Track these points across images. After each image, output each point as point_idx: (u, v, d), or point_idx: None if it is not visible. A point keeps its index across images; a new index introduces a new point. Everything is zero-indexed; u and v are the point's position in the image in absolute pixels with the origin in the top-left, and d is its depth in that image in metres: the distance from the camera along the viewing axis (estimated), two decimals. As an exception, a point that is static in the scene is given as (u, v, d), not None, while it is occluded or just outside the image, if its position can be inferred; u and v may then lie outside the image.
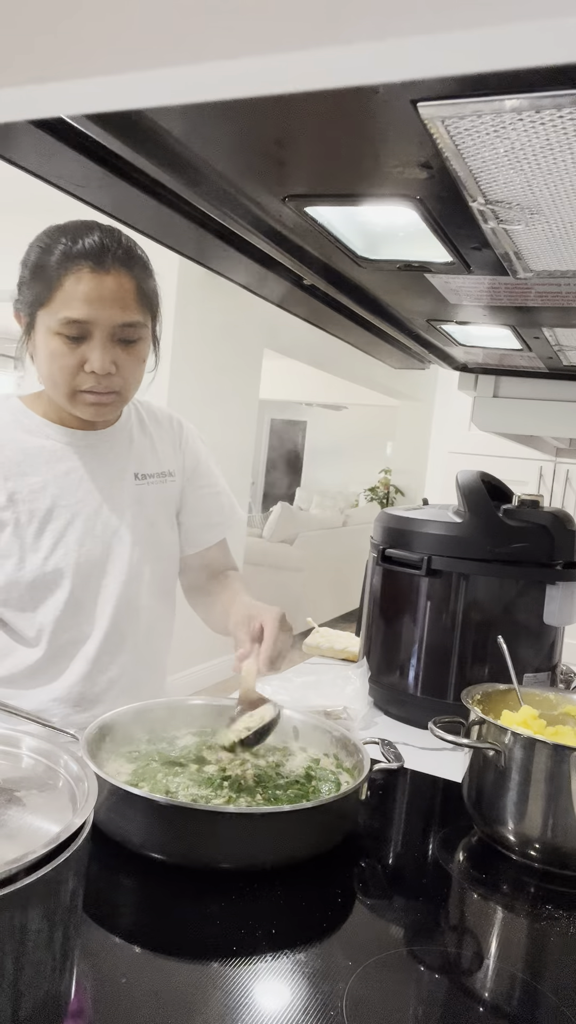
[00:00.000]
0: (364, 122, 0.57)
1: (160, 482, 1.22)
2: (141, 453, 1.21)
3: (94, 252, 1.01)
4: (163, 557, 1.23)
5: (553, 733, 0.99)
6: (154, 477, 1.22)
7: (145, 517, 1.19)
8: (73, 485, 1.13)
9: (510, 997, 0.71)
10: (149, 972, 0.67)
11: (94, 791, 0.57)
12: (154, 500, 1.21)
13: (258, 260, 0.90)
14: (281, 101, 0.53)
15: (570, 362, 1.52)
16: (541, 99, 0.50)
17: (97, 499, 1.14)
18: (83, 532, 1.12)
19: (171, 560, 1.26)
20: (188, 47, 0.27)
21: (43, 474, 1.11)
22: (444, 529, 1.36)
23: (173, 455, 1.27)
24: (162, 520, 1.23)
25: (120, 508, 1.16)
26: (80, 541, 1.12)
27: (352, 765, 1.00)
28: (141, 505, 1.19)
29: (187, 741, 1.02)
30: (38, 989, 0.52)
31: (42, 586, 1.11)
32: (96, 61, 0.29)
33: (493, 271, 0.90)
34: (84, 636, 1.15)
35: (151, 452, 1.23)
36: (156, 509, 1.21)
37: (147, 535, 1.19)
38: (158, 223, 0.78)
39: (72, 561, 1.11)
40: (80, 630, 1.14)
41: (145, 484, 1.20)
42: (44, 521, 1.11)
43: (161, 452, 1.25)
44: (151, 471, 1.22)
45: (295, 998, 0.64)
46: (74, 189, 0.69)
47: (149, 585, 1.20)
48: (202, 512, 1.30)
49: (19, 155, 0.62)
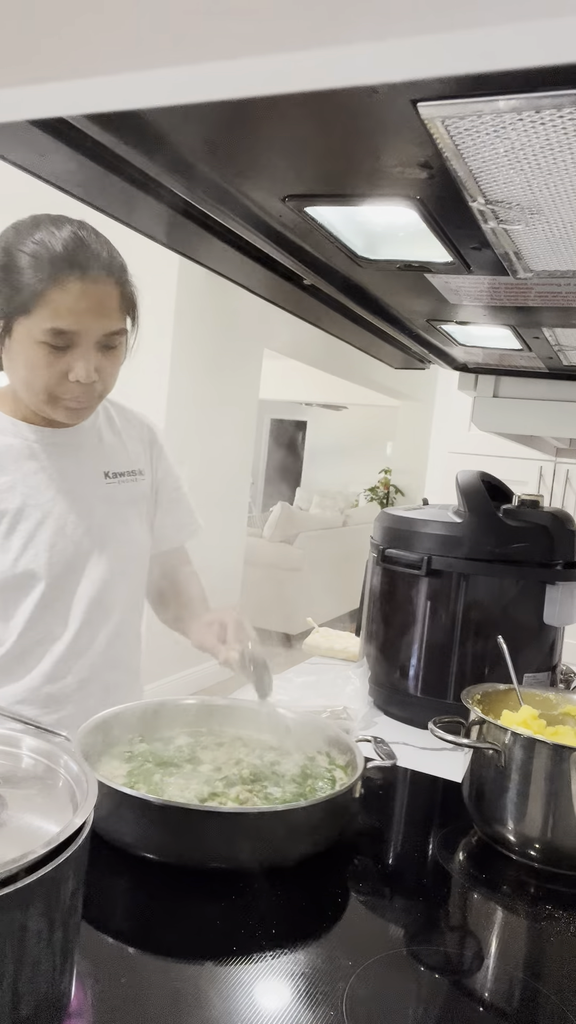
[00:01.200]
0: (364, 122, 0.57)
1: (131, 480, 1.21)
2: (111, 451, 1.20)
3: (79, 259, 0.98)
4: (135, 556, 1.22)
5: (553, 733, 0.99)
6: (124, 476, 1.20)
7: (117, 516, 1.18)
8: (43, 484, 1.11)
9: (510, 997, 0.71)
10: (149, 973, 0.67)
11: (94, 791, 0.57)
12: (125, 498, 1.20)
13: (258, 260, 0.90)
14: (281, 101, 0.53)
15: (570, 362, 1.52)
16: (541, 99, 0.50)
17: (68, 498, 1.12)
18: (54, 532, 1.10)
19: (143, 559, 1.25)
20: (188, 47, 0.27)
21: (11, 473, 1.09)
22: (444, 529, 1.36)
23: (143, 453, 1.25)
24: (134, 519, 1.21)
25: (91, 507, 1.14)
26: (51, 542, 1.10)
27: (346, 763, 1.00)
28: (112, 504, 1.17)
29: (181, 741, 1.02)
30: (38, 989, 0.52)
31: (14, 587, 1.10)
32: (96, 61, 0.29)
33: (493, 271, 0.90)
34: (54, 636, 1.13)
35: (121, 450, 1.21)
36: (127, 507, 1.20)
37: (119, 534, 1.18)
38: (158, 223, 0.78)
39: (44, 562, 1.10)
40: (50, 631, 1.12)
41: (116, 483, 1.18)
42: (14, 521, 1.08)
43: (131, 450, 1.23)
44: (121, 469, 1.20)
45: (295, 998, 0.64)
46: (73, 189, 0.69)
47: (121, 585, 1.19)
48: (171, 513, 1.30)
49: (19, 155, 0.62)
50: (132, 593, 1.23)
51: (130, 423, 1.26)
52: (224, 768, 0.95)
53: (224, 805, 0.87)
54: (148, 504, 1.25)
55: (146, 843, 0.82)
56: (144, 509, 1.24)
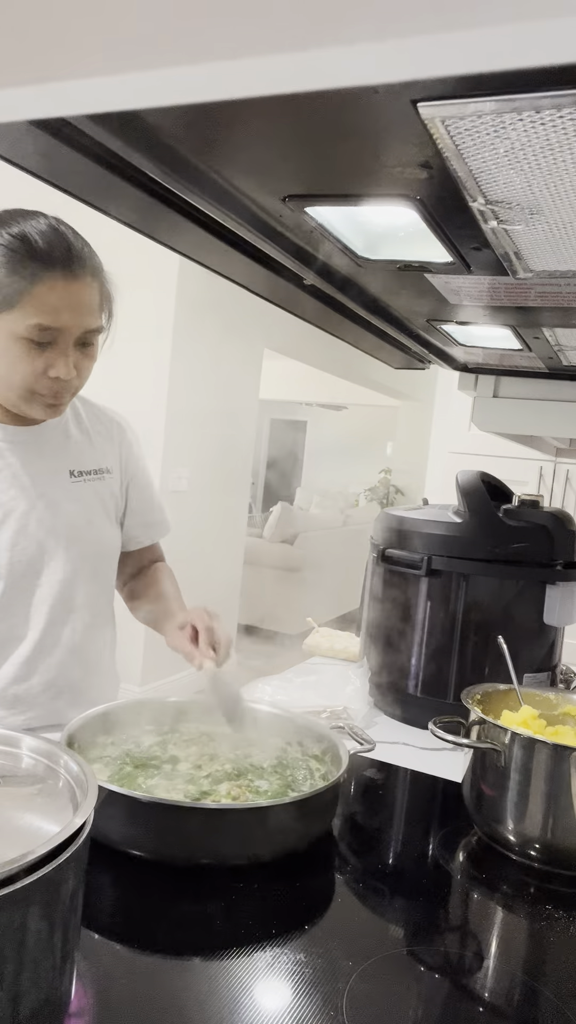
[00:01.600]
0: (364, 122, 0.57)
1: (97, 479, 1.20)
2: (77, 449, 1.19)
3: (63, 257, 0.98)
4: (102, 555, 1.21)
5: (553, 733, 0.99)
6: (91, 474, 1.19)
7: (82, 515, 1.17)
8: (5, 483, 1.10)
9: (510, 997, 0.71)
10: (149, 973, 0.67)
11: (94, 791, 0.57)
12: (92, 497, 1.19)
13: (258, 260, 0.90)
14: (281, 101, 0.53)
15: (570, 362, 1.52)
16: (541, 99, 0.50)
17: (31, 497, 1.11)
18: (16, 531, 1.09)
19: (110, 558, 1.24)
20: (188, 47, 0.27)
21: None
22: (444, 529, 1.36)
23: (112, 451, 1.24)
24: (100, 517, 1.20)
25: (55, 506, 1.13)
26: (13, 541, 1.09)
27: (322, 751, 1.01)
28: (77, 503, 1.16)
29: (150, 740, 1.03)
30: (38, 989, 0.52)
31: None
32: (96, 61, 0.29)
33: (493, 271, 0.90)
34: (18, 638, 1.12)
35: (88, 448, 1.20)
36: (93, 506, 1.19)
37: (84, 533, 1.16)
38: (158, 223, 0.78)
39: (4, 562, 1.08)
40: (13, 632, 1.11)
41: (81, 481, 1.17)
42: None
43: (99, 448, 1.22)
44: (88, 468, 1.19)
45: (295, 998, 0.64)
46: (74, 189, 0.69)
47: (87, 584, 1.17)
48: (141, 512, 1.30)
49: (19, 155, 0.62)
50: (100, 593, 1.22)
51: (99, 420, 1.24)
52: (205, 766, 0.96)
53: (226, 802, 0.87)
54: (116, 502, 1.24)
55: (147, 844, 0.82)
56: (111, 508, 1.23)
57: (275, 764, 0.98)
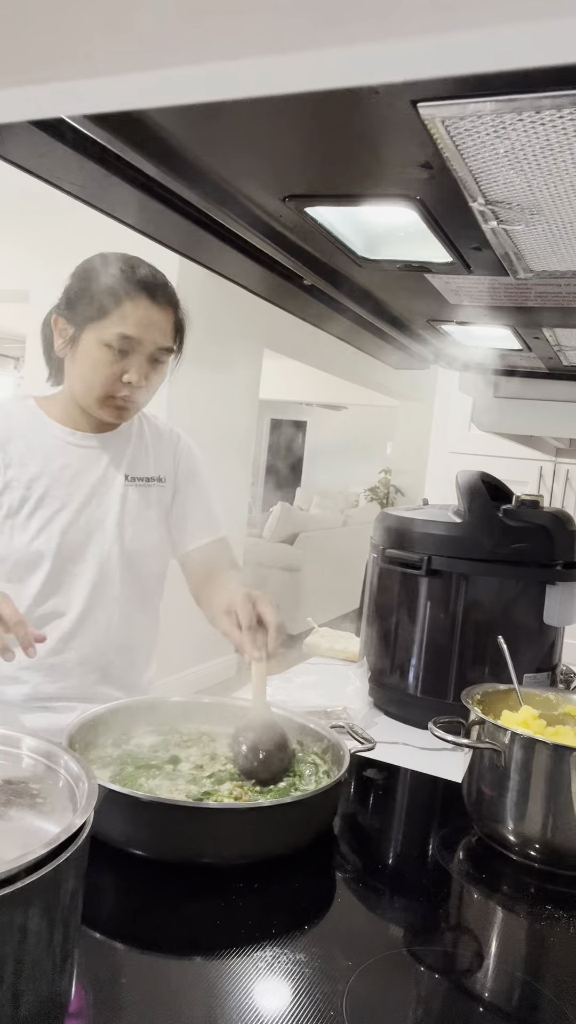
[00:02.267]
0: (364, 122, 0.57)
1: (147, 486, 1.33)
2: (135, 458, 1.32)
3: (151, 285, 1.19)
4: (142, 553, 1.31)
5: (553, 733, 0.99)
6: (143, 480, 1.33)
7: (129, 515, 1.29)
8: (66, 479, 1.25)
9: (510, 997, 0.71)
10: (149, 973, 0.67)
11: (94, 791, 0.57)
12: (140, 501, 1.31)
13: (258, 260, 0.90)
14: (281, 101, 0.53)
15: (570, 362, 1.52)
16: (541, 99, 0.50)
17: (86, 494, 1.26)
18: (68, 522, 1.24)
19: (153, 559, 1.34)
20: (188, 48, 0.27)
21: (40, 466, 1.24)
22: (444, 529, 1.36)
23: (167, 463, 1.37)
24: (146, 521, 1.31)
25: (106, 505, 1.27)
26: (64, 529, 1.23)
27: (322, 750, 1.02)
28: (127, 504, 1.29)
29: (151, 741, 1.03)
30: (38, 989, 0.52)
31: (25, 563, 1.23)
32: (96, 61, 0.29)
33: (493, 271, 0.90)
34: (59, 612, 1.25)
35: (145, 458, 1.34)
36: (141, 510, 1.31)
37: (128, 531, 1.29)
38: (158, 223, 0.78)
39: (54, 545, 1.23)
40: (56, 608, 1.25)
41: (134, 486, 1.31)
42: (35, 507, 1.23)
43: (156, 459, 1.35)
44: (142, 475, 1.33)
45: (295, 998, 0.64)
46: (74, 189, 0.69)
47: (126, 577, 1.29)
48: (188, 514, 1.39)
49: (19, 155, 0.62)
50: (139, 587, 1.32)
51: (160, 435, 1.39)
52: (207, 766, 0.96)
53: (231, 801, 0.88)
54: (166, 508, 1.36)
55: (147, 844, 0.82)
56: (159, 512, 1.35)
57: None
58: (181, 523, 1.38)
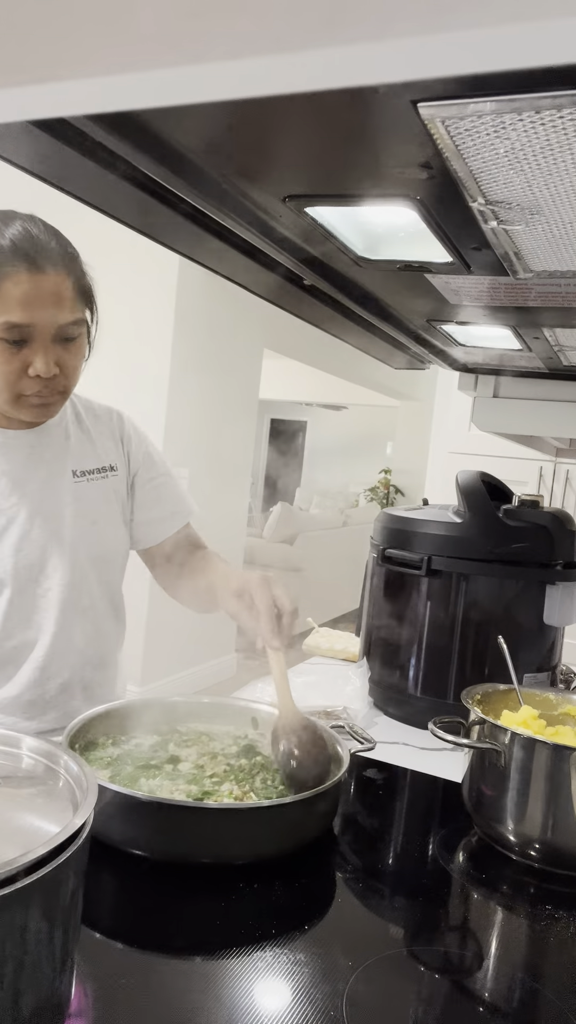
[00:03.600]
0: (364, 122, 0.57)
1: (101, 478, 1.18)
2: (79, 449, 1.17)
3: (27, 251, 0.95)
4: (108, 556, 1.19)
5: (553, 733, 0.99)
6: (94, 473, 1.17)
7: (86, 516, 1.15)
8: (6, 489, 1.09)
9: (510, 997, 0.71)
10: (149, 973, 0.67)
11: (94, 791, 0.57)
12: (96, 497, 1.17)
13: (258, 260, 0.90)
14: (281, 101, 0.53)
15: (570, 362, 1.52)
16: (541, 99, 0.50)
17: (33, 501, 1.10)
18: (19, 537, 1.08)
19: (117, 558, 1.22)
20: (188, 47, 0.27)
21: None
22: (444, 529, 1.36)
23: (114, 448, 1.22)
24: (105, 518, 1.18)
25: (58, 509, 1.12)
26: (16, 547, 1.08)
27: None
28: (81, 503, 1.14)
29: (151, 741, 1.03)
30: (38, 989, 0.52)
31: None
32: (96, 61, 0.29)
33: (493, 271, 0.90)
34: (31, 642, 1.11)
35: (90, 447, 1.18)
36: (98, 507, 1.17)
37: (89, 534, 1.15)
38: (158, 223, 0.78)
39: (9, 567, 1.08)
40: (25, 636, 1.11)
41: (84, 481, 1.15)
42: None
43: (100, 446, 1.19)
44: (90, 467, 1.17)
45: (295, 998, 0.64)
46: (74, 189, 0.69)
47: (94, 586, 1.16)
48: (159, 502, 1.25)
49: (19, 155, 0.62)
50: (107, 593, 1.20)
51: (99, 418, 1.22)
52: (207, 766, 0.96)
53: (228, 801, 0.88)
54: (122, 501, 1.22)
55: (146, 843, 0.82)
56: (117, 507, 1.20)
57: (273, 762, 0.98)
58: (147, 515, 1.24)
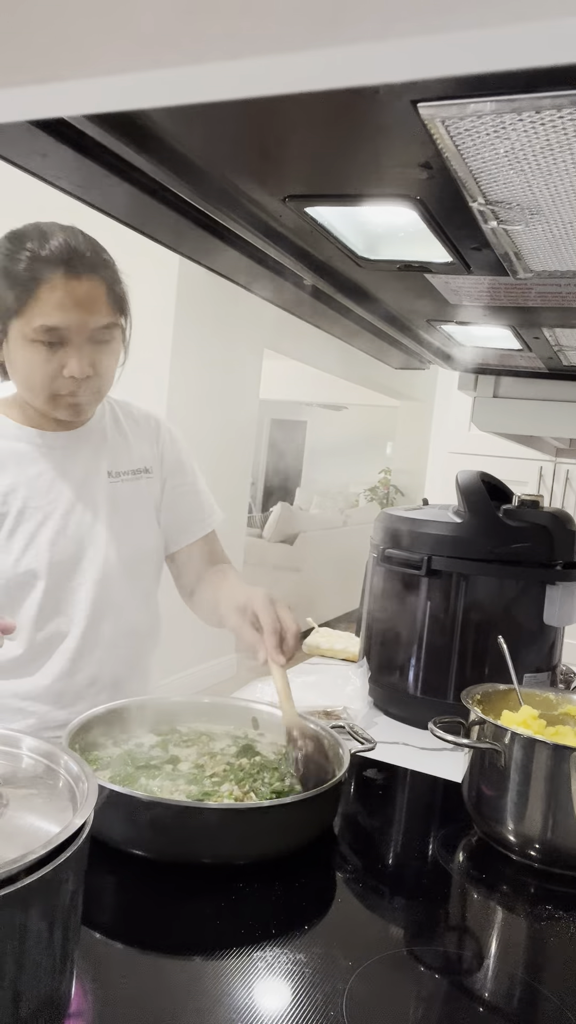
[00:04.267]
0: (364, 122, 0.57)
1: (134, 479, 1.22)
2: (115, 451, 1.22)
3: (64, 258, 1.02)
4: (141, 555, 1.23)
5: (553, 733, 0.99)
6: (128, 475, 1.21)
7: (120, 515, 1.19)
8: (44, 486, 1.14)
9: (510, 997, 0.71)
10: (149, 973, 0.67)
11: (94, 791, 0.57)
12: (129, 498, 1.21)
13: (258, 260, 0.90)
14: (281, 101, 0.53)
15: (570, 362, 1.52)
16: (541, 99, 0.50)
17: (69, 499, 1.15)
18: (55, 532, 1.13)
19: (151, 558, 1.26)
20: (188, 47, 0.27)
21: (13, 477, 1.12)
22: (444, 529, 1.36)
23: (150, 452, 1.26)
24: (139, 518, 1.22)
25: (93, 507, 1.16)
26: (52, 541, 1.12)
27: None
28: (115, 503, 1.19)
29: (151, 741, 1.03)
30: (38, 989, 0.52)
31: (16, 587, 1.12)
32: (96, 61, 0.29)
33: (493, 271, 0.90)
34: (62, 634, 1.15)
35: (125, 450, 1.23)
36: (131, 507, 1.21)
37: (122, 533, 1.19)
38: (158, 223, 0.78)
39: (45, 561, 1.12)
40: (58, 628, 1.15)
41: (119, 482, 1.20)
42: (15, 523, 1.11)
43: (136, 449, 1.24)
44: (125, 469, 1.22)
45: (295, 998, 0.64)
46: (74, 190, 0.69)
47: (126, 583, 1.20)
48: (181, 509, 1.29)
49: (19, 155, 0.62)
50: (139, 591, 1.23)
51: (137, 422, 1.27)
52: (207, 766, 0.96)
53: (228, 802, 0.87)
54: (155, 503, 1.26)
55: (147, 843, 0.82)
56: (151, 508, 1.25)
57: (274, 763, 0.98)
58: (172, 519, 1.28)
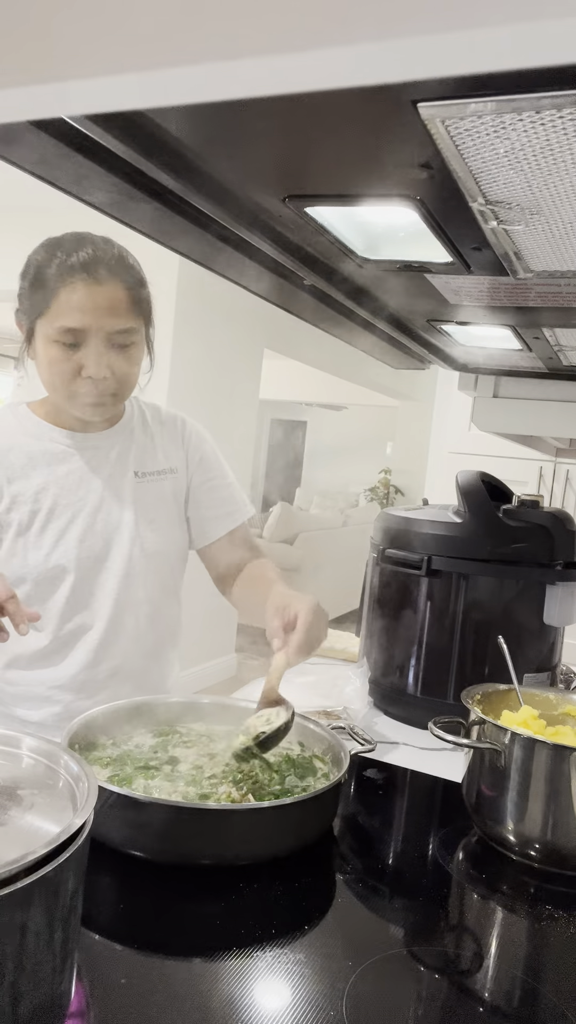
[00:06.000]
0: (364, 122, 0.57)
1: (159, 479, 1.27)
2: (142, 451, 1.26)
3: (88, 264, 1.07)
4: (164, 551, 1.27)
5: (553, 733, 0.99)
6: (154, 475, 1.26)
7: (145, 514, 1.24)
8: (74, 485, 1.19)
9: (510, 997, 0.71)
10: (149, 973, 0.67)
11: (94, 791, 0.57)
12: (155, 497, 1.25)
13: (258, 260, 0.90)
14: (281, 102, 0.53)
15: (570, 362, 1.52)
16: (541, 99, 0.50)
17: (97, 497, 1.20)
18: (84, 529, 1.18)
19: (174, 556, 1.30)
20: (188, 47, 0.27)
21: (45, 476, 1.18)
22: (444, 529, 1.36)
23: (175, 452, 1.31)
24: (163, 517, 1.26)
25: (120, 505, 1.21)
26: (81, 537, 1.18)
27: (322, 751, 1.02)
28: (141, 502, 1.23)
29: (151, 742, 1.03)
30: (38, 989, 0.52)
31: (46, 581, 1.17)
32: (96, 61, 0.29)
33: (493, 271, 0.90)
34: (86, 627, 1.20)
35: (152, 450, 1.27)
36: (156, 506, 1.25)
37: (147, 531, 1.23)
38: (158, 223, 0.78)
39: (73, 557, 1.17)
40: (83, 621, 1.20)
41: (145, 481, 1.25)
42: (46, 520, 1.17)
43: (162, 450, 1.29)
44: (151, 469, 1.26)
45: (295, 998, 0.64)
46: (74, 189, 0.69)
47: (149, 580, 1.24)
48: (209, 504, 1.33)
49: (19, 155, 0.62)
50: (162, 587, 1.27)
51: (164, 424, 1.32)
52: (206, 767, 0.96)
53: (230, 803, 0.88)
54: (180, 501, 1.30)
55: (149, 845, 0.82)
56: (175, 507, 1.29)
57: (276, 764, 0.98)
58: (203, 514, 1.32)
